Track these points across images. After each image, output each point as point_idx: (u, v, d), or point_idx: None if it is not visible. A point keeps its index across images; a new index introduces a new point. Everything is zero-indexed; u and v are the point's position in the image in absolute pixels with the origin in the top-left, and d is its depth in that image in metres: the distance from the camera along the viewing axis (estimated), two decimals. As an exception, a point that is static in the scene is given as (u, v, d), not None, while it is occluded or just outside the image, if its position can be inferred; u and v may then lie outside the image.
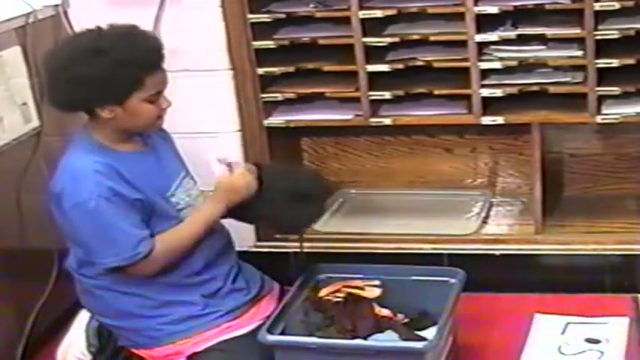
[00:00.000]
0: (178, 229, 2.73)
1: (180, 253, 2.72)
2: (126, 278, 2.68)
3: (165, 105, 2.72)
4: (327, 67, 3.39)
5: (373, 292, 2.90)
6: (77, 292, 2.86)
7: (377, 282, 2.93)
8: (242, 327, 2.76)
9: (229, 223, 2.93)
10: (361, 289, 2.90)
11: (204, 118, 3.45)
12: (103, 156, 2.65)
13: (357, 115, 3.42)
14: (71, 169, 2.66)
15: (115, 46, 2.59)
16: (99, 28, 2.68)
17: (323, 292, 2.89)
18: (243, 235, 3.45)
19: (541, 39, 3.23)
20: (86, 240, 2.65)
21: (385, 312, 2.88)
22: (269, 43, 3.40)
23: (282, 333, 2.72)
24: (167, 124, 3.43)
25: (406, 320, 2.90)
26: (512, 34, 3.23)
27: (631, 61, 3.16)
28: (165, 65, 3.45)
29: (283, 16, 3.39)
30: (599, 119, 3.25)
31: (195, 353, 2.72)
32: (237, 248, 2.98)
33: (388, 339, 2.74)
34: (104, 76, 2.56)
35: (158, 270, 2.69)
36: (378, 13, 3.28)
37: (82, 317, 2.88)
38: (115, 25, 2.72)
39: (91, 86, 2.57)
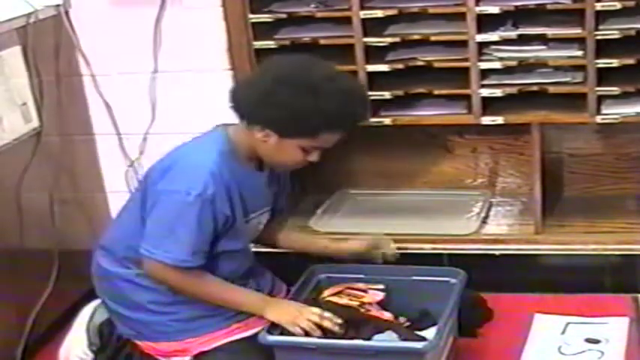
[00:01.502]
0: (225, 285, 2.73)
1: (198, 297, 2.72)
2: (146, 272, 2.70)
3: (313, 159, 2.71)
4: (327, 67, 3.39)
5: (375, 296, 2.90)
6: (93, 277, 2.86)
7: (381, 285, 2.93)
8: (251, 328, 2.76)
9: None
10: (364, 291, 2.90)
11: (205, 118, 3.44)
12: (227, 161, 2.65)
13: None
14: (189, 157, 2.67)
15: (332, 95, 2.56)
16: (332, 69, 2.67)
17: (326, 294, 2.89)
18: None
19: (542, 39, 3.23)
20: (156, 224, 2.65)
21: (387, 315, 2.88)
22: (270, 43, 3.39)
23: (282, 333, 2.72)
24: (166, 124, 3.46)
25: (408, 324, 2.90)
26: (512, 34, 3.23)
27: (631, 61, 3.16)
28: (166, 65, 3.49)
29: (284, 16, 3.39)
30: (598, 119, 3.25)
31: (203, 352, 2.72)
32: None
33: (388, 339, 2.74)
34: (298, 111, 2.55)
35: (173, 287, 2.69)
36: (379, 13, 3.28)
37: (83, 317, 2.89)
38: (344, 74, 2.73)
39: (280, 112, 2.56)
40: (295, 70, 2.63)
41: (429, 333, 2.73)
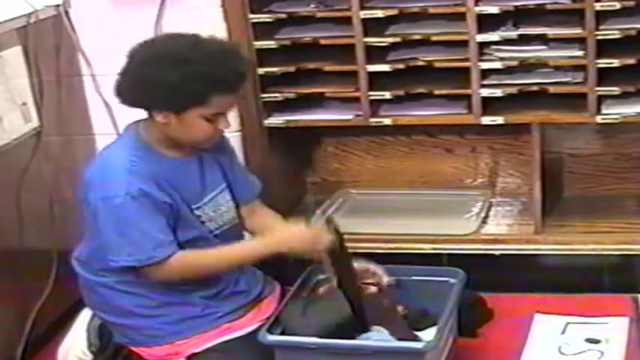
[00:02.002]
0: (210, 252, 2.71)
1: (201, 274, 2.71)
2: (129, 277, 2.68)
3: (222, 126, 2.68)
4: (327, 67, 3.39)
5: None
6: (79, 287, 2.86)
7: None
8: (242, 328, 2.75)
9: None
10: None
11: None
12: (143, 156, 2.64)
13: (357, 115, 3.42)
14: (106, 162, 2.67)
15: (201, 59, 2.55)
16: (197, 38, 2.64)
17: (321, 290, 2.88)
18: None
19: (542, 39, 3.24)
20: (105, 235, 2.63)
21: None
22: (270, 43, 3.40)
23: (282, 333, 2.72)
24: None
25: (405, 312, 2.89)
26: (513, 34, 3.23)
27: (631, 61, 3.16)
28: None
29: (284, 16, 3.39)
30: (599, 119, 3.25)
31: (195, 354, 2.71)
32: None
33: (379, 337, 2.73)
34: (174, 84, 2.53)
35: (172, 280, 2.68)
36: (379, 13, 3.28)
37: (84, 317, 2.89)
38: (215, 39, 2.70)
39: (157, 90, 2.55)
40: (158, 47, 2.64)
41: (429, 333, 2.73)
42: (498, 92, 3.28)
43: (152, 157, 2.66)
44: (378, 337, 2.74)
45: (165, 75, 2.53)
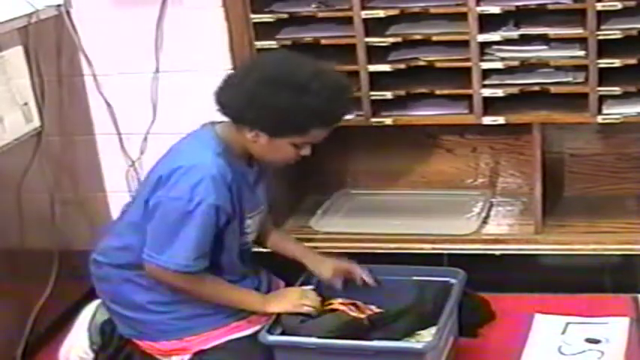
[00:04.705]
0: (220, 284, 2.75)
1: (204, 297, 2.73)
2: (145, 272, 2.70)
3: (304, 153, 2.70)
4: (328, 68, 3.40)
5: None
6: (92, 278, 2.88)
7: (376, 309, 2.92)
8: (250, 327, 2.77)
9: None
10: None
11: (206, 119, 3.44)
12: (226, 162, 2.64)
13: (358, 115, 3.41)
14: (190, 164, 2.63)
15: (318, 92, 2.56)
16: (317, 66, 2.65)
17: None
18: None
19: (543, 39, 3.23)
20: (156, 229, 2.65)
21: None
22: (271, 43, 3.39)
23: (283, 333, 2.72)
24: (167, 124, 3.46)
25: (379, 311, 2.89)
26: (514, 34, 3.23)
27: (632, 61, 3.16)
28: (168, 65, 3.49)
29: (286, 16, 3.39)
30: (600, 119, 3.25)
31: (203, 350, 2.73)
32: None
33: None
34: (284, 111, 2.55)
35: (181, 290, 2.71)
36: (381, 13, 3.28)
37: (85, 316, 2.90)
38: (333, 72, 2.74)
39: (269, 112, 2.57)
40: (280, 70, 2.63)
41: (429, 333, 2.73)
42: (499, 92, 3.28)
43: (232, 163, 2.67)
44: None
45: (279, 100, 2.55)
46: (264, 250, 3.06)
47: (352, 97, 2.81)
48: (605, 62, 3.16)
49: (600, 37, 3.13)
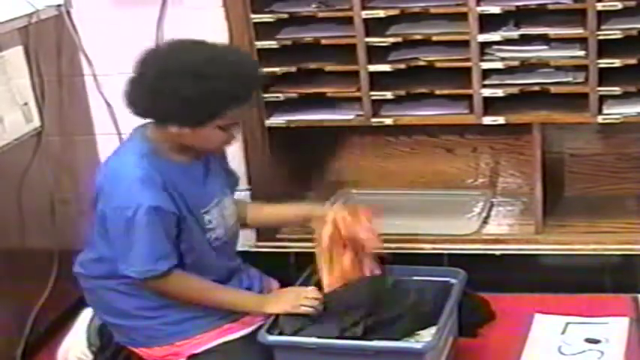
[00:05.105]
0: (209, 284, 2.73)
1: (193, 300, 2.71)
2: (130, 280, 2.68)
3: (236, 132, 2.70)
4: (328, 68, 3.39)
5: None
6: (82, 289, 2.87)
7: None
8: (243, 328, 2.75)
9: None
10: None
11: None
12: (153, 164, 2.61)
13: (359, 115, 3.42)
14: (117, 172, 2.63)
15: (219, 75, 2.53)
16: (212, 49, 2.62)
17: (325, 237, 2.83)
18: (243, 235, 3.45)
19: (543, 39, 3.24)
20: (114, 242, 2.64)
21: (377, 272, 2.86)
22: (272, 43, 3.40)
23: (282, 333, 2.72)
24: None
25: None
26: (514, 34, 3.23)
27: (632, 61, 3.16)
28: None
29: (286, 16, 3.39)
30: (600, 119, 3.25)
31: (195, 354, 2.72)
32: (238, 248, 2.98)
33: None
34: (195, 100, 2.52)
35: (166, 295, 2.69)
36: (381, 13, 3.28)
37: (84, 317, 2.89)
38: (226, 49, 2.72)
39: (176, 104, 2.54)
40: (173, 61, 2.58)
41: (429, 333, 2.73)
42: (499, 92, 3.28)
43: (161, 162, 2.64)
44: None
45: (183, 91, 2.51)
46: (259, 250, 3.04)
47: (256, 67, 2.74)
48: (605, 62, 3.16)
49: (600, 37, 3.14)
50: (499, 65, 3.27)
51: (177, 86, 2.51)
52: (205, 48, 2.63)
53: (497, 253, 3.40)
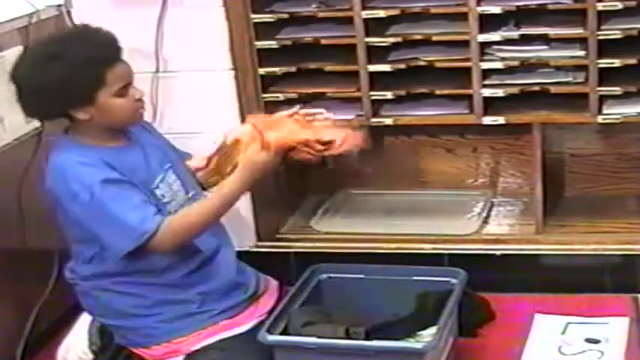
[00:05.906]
0: (191, 210, 2.69)
1: (193, 233, 2.67)
2: (123, 277, 2.69)
3: (137, 95, 2.70)
4: (328, 67, 3.39)
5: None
6: (77, 294, 2.87)
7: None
8: (240, 325, 2.76)
9: (227, 222, 2.92)
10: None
11: (205, 118, 3.45)
12: (88, 153, 2.64)
13: (359, 115, 3.41)
14: (56, 169, 2.66)
15: (67, 48, 2.59)
16: (53, 35, 2.71)
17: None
18: (243, 235, 3.46)
19: (543, 39, 3.24)
20: (94, 232, 2.63)
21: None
22: (272, 43, 3.40)
23: (282, 333, 2.72)
24: (168, 124, 3.46)
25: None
26: (514, 34, 3.23)
27: (633, 61, 3.16)
28: (168, 65, 3.48)
29: (286, 16, 3.39)
30: (600, 119, 3.25)
31: (194, 352, 2.71)
32: (238, 248, 2.98)
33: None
34: (64, 80, 2.56)
35: (171, 249, 2.65)
36: (381, 13, 3.28)
37: (86, 316, 2.89)
38: (66, 28, 2.75)
39: (56, 92, 2.57)
40: (25, 61, 2.65)
41: (429, 333, 2.73)
42: (500, 92, 3.28)
43: (95, 150, 2.65)
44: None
45: (50, 77, 2.56)
46: (259, 250, 3.03)
47: (98, 28, 2.71)
48: (605, 62, 3.16)
49: (600, 37, 3.13)
50: (499, 65, 3.27)
51: (43, 77, 2.56)
52: (47, 37, 2.75)
53: (498, 253, 3.40)
